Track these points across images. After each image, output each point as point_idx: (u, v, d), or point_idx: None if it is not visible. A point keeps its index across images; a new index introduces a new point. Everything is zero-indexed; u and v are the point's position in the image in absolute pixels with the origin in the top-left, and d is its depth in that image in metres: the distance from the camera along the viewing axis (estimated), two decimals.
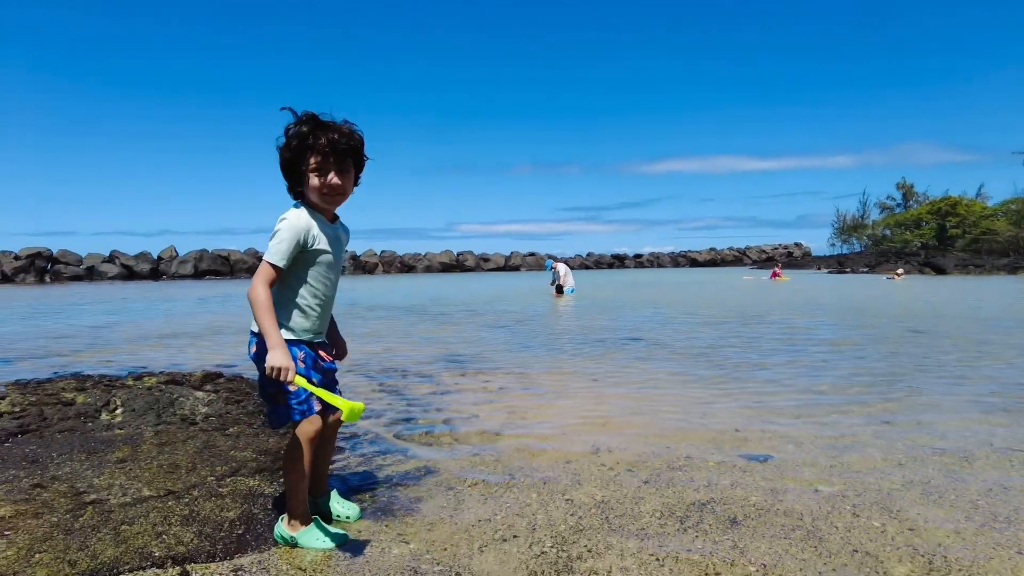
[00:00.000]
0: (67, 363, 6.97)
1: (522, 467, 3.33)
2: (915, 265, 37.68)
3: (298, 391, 2.36)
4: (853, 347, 7.78)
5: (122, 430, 3.79)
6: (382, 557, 2.33)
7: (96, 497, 2.74)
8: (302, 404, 2.38)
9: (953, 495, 2.91)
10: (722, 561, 2.29)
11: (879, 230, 64.51)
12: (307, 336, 2.45)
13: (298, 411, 2.38)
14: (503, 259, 58.70)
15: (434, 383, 5.71)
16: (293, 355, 2.33)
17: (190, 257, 45.98)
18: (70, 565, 2.18)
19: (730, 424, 4.17)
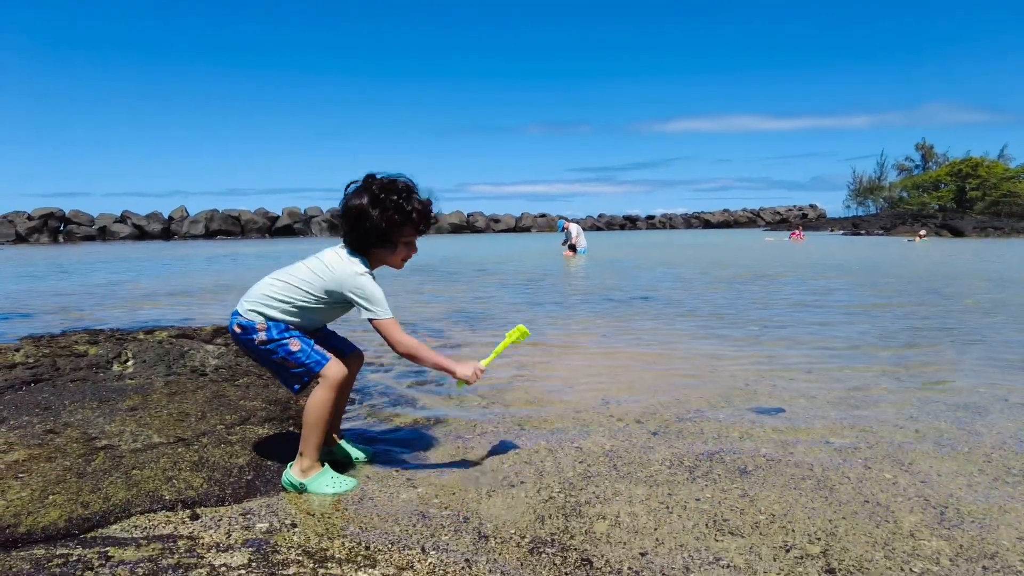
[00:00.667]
0: (80, 318, 7.03)
1: (531, 417, 3.33)
2: (932, 228, 37.09)
3: (302, 349, 2.39)
4: (867, 307, 7.70)
5: (133, 380, 3.81)
6: (391, 502, 2.34)
7: (107, 443, 2.76)
8: (313, 355, 2.40)
9: (967, 448, 2.88)
10: (731, 509, 2.28)
11: (896, 192, 63.41)
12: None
13: (313, 363, 2.40)
14: (514, 220, 58.42)
15: (444, 338, 5.71)
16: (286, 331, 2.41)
17: (201, 217, 46.10)
18: (83, 506, 2.20)
19: (741, 379, 4.14)
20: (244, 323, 2.42)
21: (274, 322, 2.41)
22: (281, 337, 2.40)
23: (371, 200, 2.36)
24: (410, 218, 2.40)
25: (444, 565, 1.88)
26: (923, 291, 9.24)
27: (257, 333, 2.40)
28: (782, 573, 1.87)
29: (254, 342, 2.41)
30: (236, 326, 2.45)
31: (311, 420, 2.39)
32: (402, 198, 2.38)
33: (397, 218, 2.37)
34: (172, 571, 1.77)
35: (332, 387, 2.40)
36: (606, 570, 1.88)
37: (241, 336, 2.44)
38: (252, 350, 2.45)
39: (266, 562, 1.85)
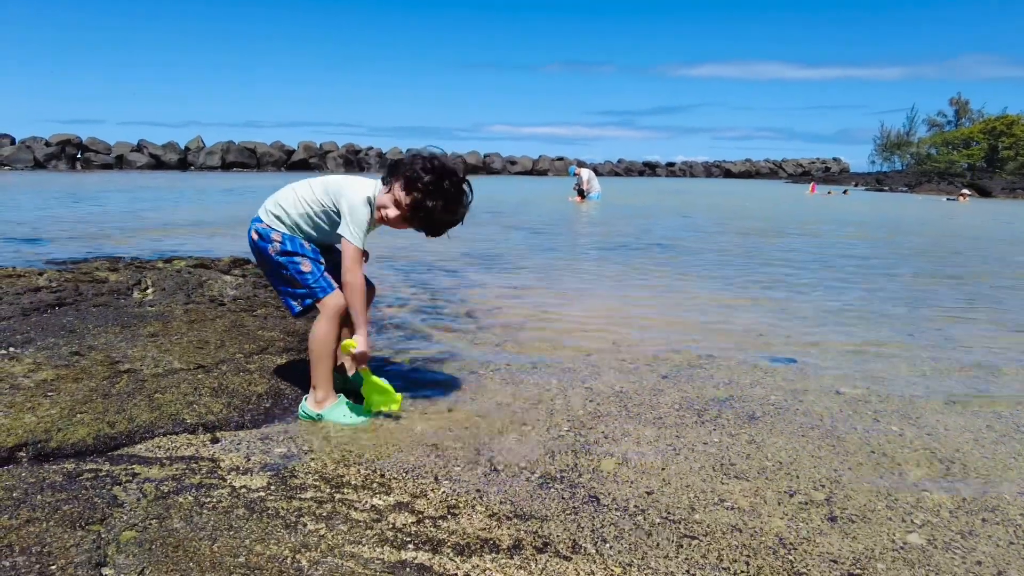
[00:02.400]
0: (100, 245, 7.11)
1: (542, 357, 3.37)
2: (958, 187, 36.19)
3: (312, 271, 2.42)
4: (887, 262, 7.61)
5: (153, 307, 3.88)
6: (405, 433, 2.40)
7: (130, 367, 2.84)
8: (319, 280, 2.44)
9: (976, 405, 2.89)
10: (738, 454, 2.32)
11: (924, 148, 61.64)
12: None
13: (318, 288, 2.43)
14: (531, 163, 57.66)
15: (458, 278, 5.73)
16: (300, 247, 2.45)
17: (217, 149, 45.87)
18: (109, 426, 2.28)
19: (754, 328, 4.14)
20: (262, 230, 2.48)
21: (289, 235, 2.45)
22: (295, 251, 2.44)
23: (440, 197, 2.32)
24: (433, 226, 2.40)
25: (456, 495, 1.95)
26: (946, 250, 9.10)
27: (272, 243, 2.45)
28: (786, 517, 1.91)
29: (267, 251, 2.46)
30: (254, 232, 2.51)
31: (316, 351, 2.45)
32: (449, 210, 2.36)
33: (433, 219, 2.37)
34: (195, 490, 1.84)
35: (331, 318, 2.44)
36: (612, 507, 1.94)
37: (258, 243, 2.49)
38: (265, 260, 2.50)
39: (284, 486, 1.92)
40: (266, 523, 1.68)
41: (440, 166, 2.32)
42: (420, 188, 2.29)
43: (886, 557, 1.74)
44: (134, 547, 1.53)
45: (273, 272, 2.51)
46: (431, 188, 2.29)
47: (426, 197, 2.30)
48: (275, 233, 2.46)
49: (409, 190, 2.31)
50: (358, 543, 1.62)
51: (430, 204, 2.30)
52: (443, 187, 2.31)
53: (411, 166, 2.32)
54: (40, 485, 1.79)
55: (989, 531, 1.89)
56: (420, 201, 2.30)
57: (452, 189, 2.33)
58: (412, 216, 2.35)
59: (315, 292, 2.44)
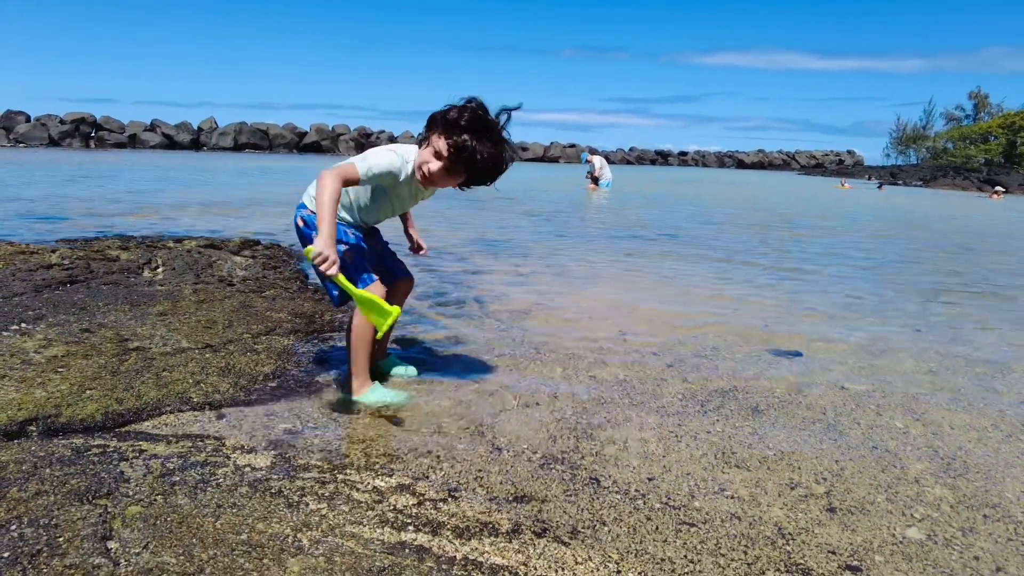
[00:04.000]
0: (112, 224, 7.16)
1: (548, 343, 3.38)
2: (974, 182, 35.75)
3: (355, 260, 2.42)
4: (898, 258, 7.56)
5: (163, 286, 3.92)
6: (409, 413, 2.42)
7: (139, 345, 2.87)
8: (361, 272, 2.44)
9: (982, 404, 2.88)
10: (740, 444, 2.33)
11: (940, 143, 60.83)
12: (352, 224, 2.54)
13: (359, 280, 2.43)
14: (542, 149, 57.43)
15: (466, 264, 5.74)
16: (344, 234, 2.41)
17: (230, 130, 45.94)
18: (117, 402, 2.31)
19: (760, 320, 4.13)
20: (307, 216, 2.47)
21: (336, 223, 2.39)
22: (339, 240, 2.36)
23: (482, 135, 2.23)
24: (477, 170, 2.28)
25: (458, 475, 1.96)
26: (956, 246, 9.01)
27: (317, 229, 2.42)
28: (785, 507, 1.92)
29: (312, 238, 2.41)
30: (300, 219, 2.50)
31: (354, 341, 2.46)
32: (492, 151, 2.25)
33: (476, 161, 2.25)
34: (200, 467, 1.87)
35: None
36: (613, 489, 1.95)
37: (303, 229, 2.49)
38: (307, 244, 2.48)
39: (288, 465, 1.95)
40: (268, 501, 1.70)
41: (477, 106, 2.24)
42: (461, 127, 2.19)
43: (884, 550, 1.74)
44: (139, 522, 1.55)
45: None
46: (474, 125, 2.19)
47: (468, 137, 2.19)
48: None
49: (449, 133, 2.21)
50: (359, 524, 1.64)
51: (472, 144, 2.20)
52: (483, 125, 2.22)
53: (445, 112, 2.24)
54: (49, 459, 1.82)
55: (990, 528, 1.89)
56: (462, 143, 2.19)
57: (493, 127, 2.25)
58: (455, 162, 2.22)
59: (356, 284, 2.43)
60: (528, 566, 1.54)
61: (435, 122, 2.29)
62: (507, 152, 2.31)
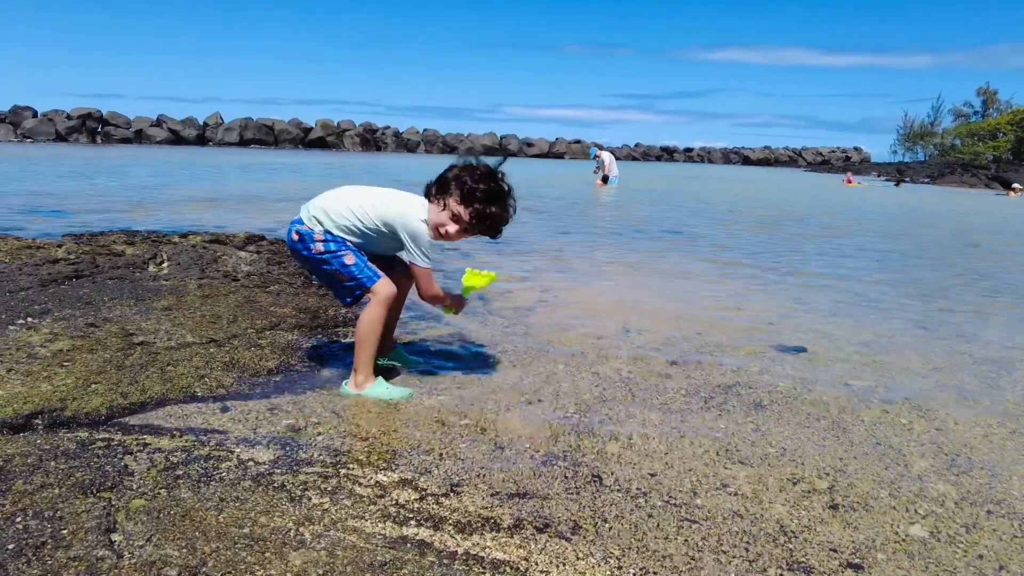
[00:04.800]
0: (117, 218, 7.19)
1: (551, 340, 3.38)
2: (982, 179, 35.51)
3: (357, 263, 2.45)
4: (900, 253, 7.53)
5: (168, 281, 3.93)
6: (412, 408, 2.43)
7: (144, 339, 2.88)
8: (365, 270, 2.47)
9: (988, 401, 2.86)
10: (743, 440, 2.32)
11: (948, 139, 60.43)
12: None
13: (365, 278, 2.46)
14: (548, 145, 57.31)
15: (470, 260, 5.74)
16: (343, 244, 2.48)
17: (235, 125, 46.03)
18: (122, 396, 2.32)
19: (765, 317, 4.12)
20: (303, 231, 2.49)
21: (332, 235, 2.47)
22: (338, 250, 2.46)
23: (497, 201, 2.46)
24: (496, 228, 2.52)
25: (460, 471, 1.97)
26: (962, 243, 8.97)
27: (314, 243, 2.47)
28: (787, 504, 1.92)
29: (310, 251, 2.47)
30: (295, 233, 2.51)
31: (363, 336, 2.46)
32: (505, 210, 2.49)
33: (495, 222, 2.49)
34: (204, 461, 1.88)
35: (382, 303, 2.47)
36: (615, 487, 1.95)
37: (298, 244, 2.50)
38: (307, 259, 2.52)
39: (291, 459, 1.95)
40: (271, 495, 1.71)
41: (487, 172, 2.45)
42: (479, 197, 2.41)
43: (887, 548, 1.74)
44: (143, 515, 1.56)
45: (317, 270, 2.54)
46: (489, 195, 2.42)
47: (487, 204, 2.41)
48: (317, 233, 2.46)
49: (469, 203, 2.42)
50: (361, 518, 1.64)
51: (491, 211, 2.43)
52: (497, 191, 2.44)
53: (460, 180, 2.42)
54: (54, 452, 1.84)
55: (994, 524, 1.88)
56: (482, 211, 2.42)
57: (503, 190, 2.47)
58: (475, 225, 2.47)
59: (363, 282, 2.46)
60: (529, 561, 1.55)
61: (449, 186, 2.44)
62: (513, 205, 2.54)
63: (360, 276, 2.45)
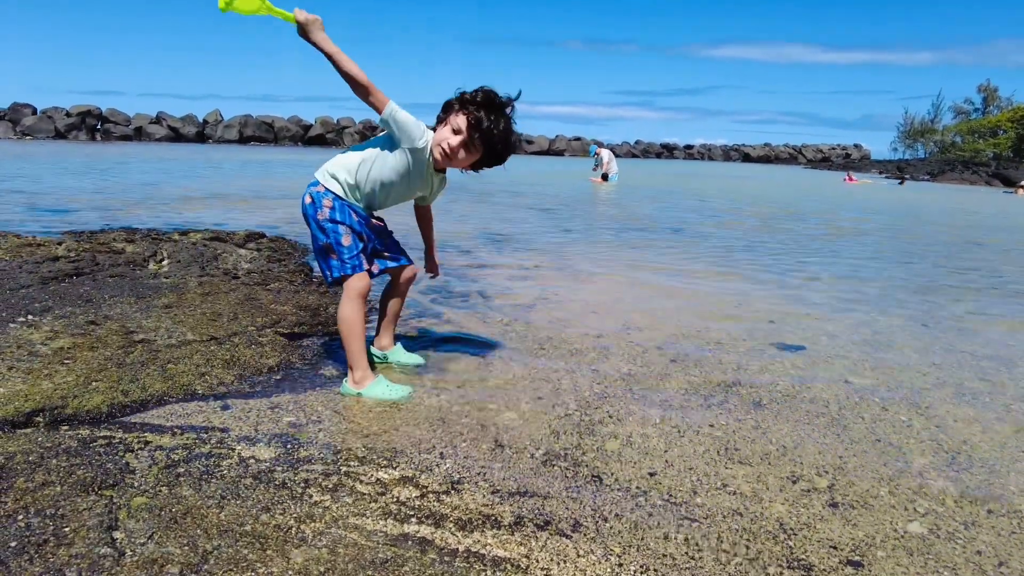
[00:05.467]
0: (117, 216, 7.19)
1: (551, 338, 3.38)
2: (982, 177, 35.48)
3: (350, 246, 2.46)
4: (900, 251, 7.53)
5: (168, 279, 3.93)
6: (412, 406, 2.43)
7: (144, 337, 2.88)
8: (353, 259, 2.47)
9: (987, 398, 2.87)
10: (742, 439, 2.33)
11: (949, 136, 60.43)
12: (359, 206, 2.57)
13: (349, 265, 2.47)
14: (547, 142, 57.30)
15: (471, 257, 5.74)
16: (347, 215, 2.49)
17: (235, 122, 46.00)
18: (123, 394, 2.33)
19: (765, 315, 4.12)
20: (315, 194, 2.51)
21: (340, 202, 2.49)
22: (342, 221, 2.47)
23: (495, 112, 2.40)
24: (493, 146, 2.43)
25: (461, 469, 1.97)
26: (964, 240, 8.97)
27: (322, 208, 2.48)
28: (787, 502, 1.92)
29: (316, 216, 2.49)
30: (308, 196, 2.54)
31: (345, 332, 2.48)
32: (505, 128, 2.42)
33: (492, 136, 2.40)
34: (205, 459, 1.88)
35: (353, 299, 2.47)
36: (615, 486, 1.95)
37: (308, 207, 2.52)
38: (311, 223, 2.53)
39: (291, 457, 1.96)
40: (272, 493, 1.72)
41: (487, 89, 2.42)
42: (477, 103, 2.38)
43: (887, 545, 1.74)
44: (144, 512, 1.57)
45: (315, 237, 2.55)
46: (487, 104, 2.38)
47: (484, 112, 2.36)
48: (327, 199, 2.49)
49: (467, 109, 2.39)
50: (362, 515, 1.65)
51: (488, 118, 2.36)
52: (497, 104, 2.40)
53: (461, 96, 2.42)
54: (56, 450, 1.84)
55: (993, 521, 1.89)
56: (480, 117, 2.36)
57: (505, 106, 2.42)
58: (473, 135, 2.37)
59: (345, 267, 2.47)
60: (530, 558, 1.55)
61: (450, 105, 2.44)
62: (514, 133, 2.48)
63: (347, 260, 2.47)
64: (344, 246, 2.46)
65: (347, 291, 2.47)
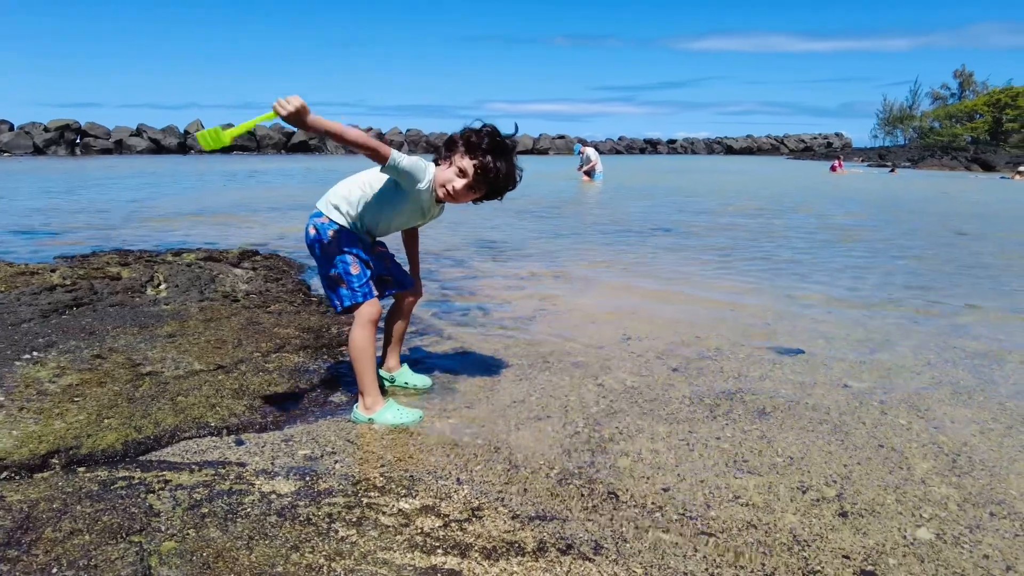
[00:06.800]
0: (106, 237, 7.15)
1: (554, 352, 3.42)
2: (962, 162, 35.95)
3: (359, 274, 2.49)
4: (891, 245, 7.65)
5: (168, 305, 3.93)
6: (424, 432, 2.46)
7: (151, 369, 2.89)
8: (363, 286, 2.50)
9: (982, 396, 2.94)
10: (750, 450, 2.38)
11: (927, 122, 61.20)
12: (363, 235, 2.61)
13: (360, 293, 2.50)
14: (532, 141, 57.35)
15: (466, 267, 5.77)
16: (352, 244, 2.51)
17: None
18: (136, 430, 2.34)
19: (761, 318, 4.19)
20: (320, 225, 2.54)
21: (348, 232, 2.52)
22: (349, 251, 2.50)
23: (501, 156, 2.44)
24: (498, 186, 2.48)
25: (479, 494, 2.01)
26: (950, 231, 9.10)
27: (328, 239, 2.52)
28: (799, 513, 1.97)
29: (321, 246, 2.53)
30: (312, 227, 2.56)
31: (356, 357, 2.50)
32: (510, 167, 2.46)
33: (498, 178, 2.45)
34: (227, 496, 1.90)
35: (364, 325, 2.50)
36: (631, 503, 2.00)
37: (314, 238, 2.55)
38: (318, 254, 2.56)
39: (311, 490, 1.98)
40: (299, 530, 1.74)
41: (492, 129, 2.46)
42: (484, 149, 2.41)
43: (897, 552, 1.80)
44: (175, 558, 1.59)
45: (322, 267, 2.58)
46: (494, 147, 2.42)
47: (493, 157, 2.41)
48: (332, 230, 2.52)
49: (473, 154, 2.42)
50: (389, 549, 1.68)
51: (496, 164, 2.42)
52: (502, 148, 2.44)
53: (465, 136, 2.45)
54: (78, 495, 1.85)
55: (996, 524, 1.95)
56: (486, 163, 2.41)
57: (508, 146, 2.47)
58: (478, 180, 2.43)
59: (356, 296, 2.49)
60: None
61: (455, 144, 2.47)
62: (518, 168, 2.54)
63: (357, 288, 2.49)
64: (353, 274, 2.49)
65: (359, 318, 2.49)
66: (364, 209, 2.53)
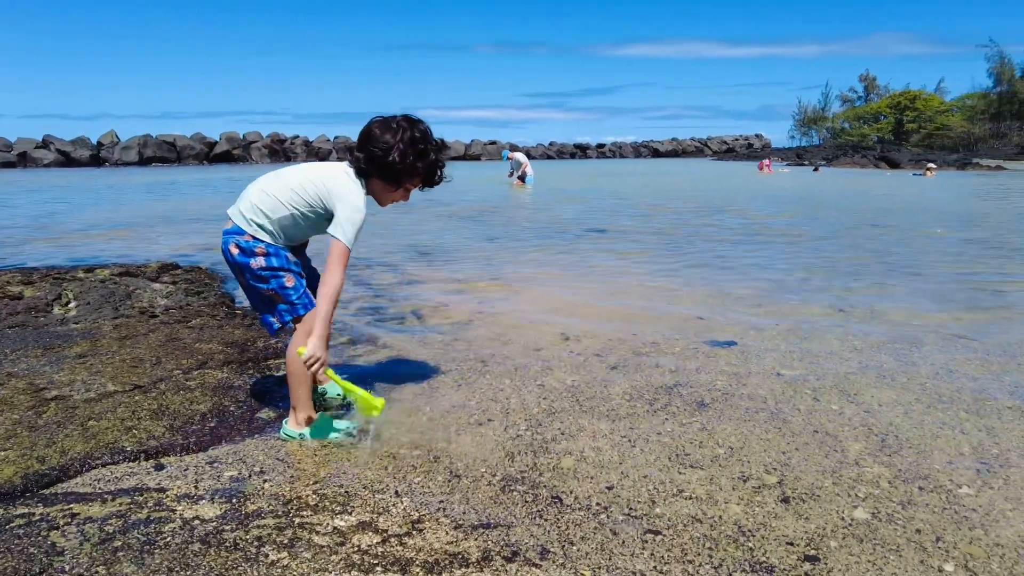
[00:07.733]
0: (8, 255, 6.64)
1: (493, 355, 3.37)
2: (871, 160, 38.09)
3: (295, 286, 2.34)
4: (814, 239, 7.97)
5: (78, 324, 3.66)
6: (359, 445, 2.35)
7: (58, 393, 2.67)
8: (302, 297, 2.35)
9: (904, 378, 3.06)
10: (690, 442, 2.38)
11: (838, 123, 64.72)
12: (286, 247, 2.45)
13: (300, 305, 2.34)
14: (463, 147, 57.26)
15: (400, 273, 5.65)
16: (283, 259, 2.36)
17: (134, 143, 43.49)
18: (39, 461, 2.14)
19: (694, 312, 4.26)
20: (243, 244, 2.32)
21: (274, 247, 2.33)
22: (280, 267, 2.32)
23: (405, 141, 2.28)
24: (426, 171, 2.37)
25: (419, 506, 1.92)
26: (866, 223, 9.56)
27: (256, 257, 2.31)
28: (742, 503, 1.98)
29: (250, 266, 2.32)
30: (233, 245, 2.32)
31: (295, 372, 2.34)
32: (430, 149, 2.34)
33: (419, 166, 2.33)
34: (143, 526, 1.75)
35: (306, 336, 2.35)
36: (575, 506, 1.96)
37: (238, 258, 2.33)
38: (244, 274, 2.35)
39: (239, 513, 1.85)
40: (225, 557, 1.61)
41: (404, 119, 2.33)
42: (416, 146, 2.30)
43: (837, 534, 1.83)
44: None
45: (250, 287, 2.38)
46: (427, 150, 2.33)
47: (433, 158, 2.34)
48: (259, 247, 2.31)
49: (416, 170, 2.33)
50: (324, 570, 1.57)
51: (440, 173, 2.39)
52: (430, 145, 2.34)
53: (383, 138, 2.28)
54: None
55: (925, 499, 2.01)
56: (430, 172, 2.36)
57: (435, 142, 2.38)
58: (416, 173, 2.34)
59: (296, 309, 2.34)
60: None
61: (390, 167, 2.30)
62: (444, 155, 2.44)
63: (296, 301, 2.34)
64: (290, 287, 2.33)
65: (299, 331, 2.34)
66: (287, 223, 2.35)
